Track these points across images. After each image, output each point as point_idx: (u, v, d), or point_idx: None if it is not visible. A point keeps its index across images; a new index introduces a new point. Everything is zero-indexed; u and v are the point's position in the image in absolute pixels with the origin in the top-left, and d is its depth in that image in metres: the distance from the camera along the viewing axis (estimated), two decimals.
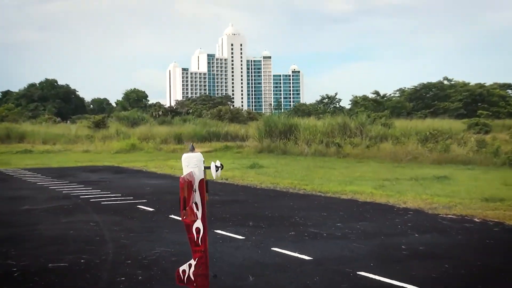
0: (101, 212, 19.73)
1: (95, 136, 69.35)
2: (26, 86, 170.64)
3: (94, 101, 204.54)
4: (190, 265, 8.40)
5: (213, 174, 8.33)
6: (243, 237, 15.09)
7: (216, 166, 8.43)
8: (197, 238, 8.22)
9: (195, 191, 8.13)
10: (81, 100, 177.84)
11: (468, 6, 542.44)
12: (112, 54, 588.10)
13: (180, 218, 8.64)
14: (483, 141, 40.20)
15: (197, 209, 8.19)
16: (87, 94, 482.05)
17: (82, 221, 18.04)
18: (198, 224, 8.22)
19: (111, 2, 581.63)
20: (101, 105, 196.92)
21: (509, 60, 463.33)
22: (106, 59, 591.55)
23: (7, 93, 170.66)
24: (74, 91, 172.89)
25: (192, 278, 8.38)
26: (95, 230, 16.53)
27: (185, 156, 8.39)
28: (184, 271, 8.42)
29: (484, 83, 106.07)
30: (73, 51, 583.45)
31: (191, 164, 8.32)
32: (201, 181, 8.30)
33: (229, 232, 15.69)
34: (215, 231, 15.86)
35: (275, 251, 13.47)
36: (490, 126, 66.34)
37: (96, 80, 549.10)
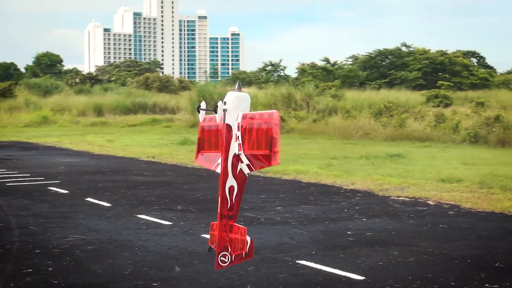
0: (6, 195, 19.44)
1: (0, 106, 67.86)
2: None
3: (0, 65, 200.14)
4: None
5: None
6: (170, 223, 15.11)
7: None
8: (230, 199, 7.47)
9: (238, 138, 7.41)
10: None
11: None
12: (21, 10, 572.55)
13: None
14: (442, 116, 41.07)
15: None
16: None
17: None
18: (232, 182, 7.47)
19: None
20: (7, 71, 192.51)
21: (476, 24, 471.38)
22: (13, 15, 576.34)
23: None
24: None
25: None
26: None
27: (235, 95, 7.40)
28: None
29: (446, 51, 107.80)
30: None
31: (240, 105, 7.42)
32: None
33: (154, 217, 15.69)
34: (138, 216, 15.88)
35: (206, 238, 13.55)
36: (451, 99, 67.62)
37: (1, 41, 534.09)
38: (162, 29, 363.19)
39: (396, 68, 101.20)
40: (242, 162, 7.62)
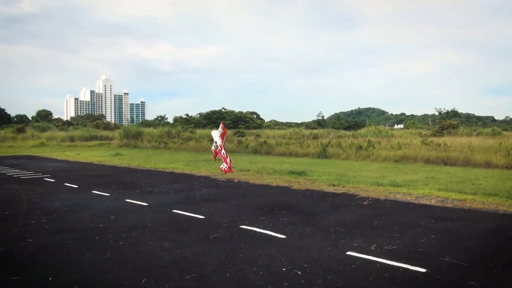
0: (20, 183, 17.55)
1: (18, 137, 60.72)
2: None
3: (17, 116, 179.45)
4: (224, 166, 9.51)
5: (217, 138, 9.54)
6: (109, 194, 14.34)
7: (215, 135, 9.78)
8: (224, 156, 8.92)
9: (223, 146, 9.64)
10: (8, 115, 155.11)
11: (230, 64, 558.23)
12: (34, 87, 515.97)
13: None
14: (241, 140, 41.92)
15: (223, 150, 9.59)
16: (12, 110, 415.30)
17: (8, 188, 15.94)
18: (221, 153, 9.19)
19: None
20: (21, 119, 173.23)
21: (254, 97, 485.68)
22: (33, 90, 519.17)
23: None
24: (2, 110, 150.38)
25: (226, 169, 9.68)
26: (16, 193, 14.69)
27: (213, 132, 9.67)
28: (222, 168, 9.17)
29: (242, 111, 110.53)
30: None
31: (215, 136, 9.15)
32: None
33: (101, 191, 14.83)
34: (93, 191, 14.92)
35: (128, 201, 13.02)
36: (245, 133, 68.82)
37: (19, 102, 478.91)
38: (105, 99, 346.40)
39: (220, 119, 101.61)
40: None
